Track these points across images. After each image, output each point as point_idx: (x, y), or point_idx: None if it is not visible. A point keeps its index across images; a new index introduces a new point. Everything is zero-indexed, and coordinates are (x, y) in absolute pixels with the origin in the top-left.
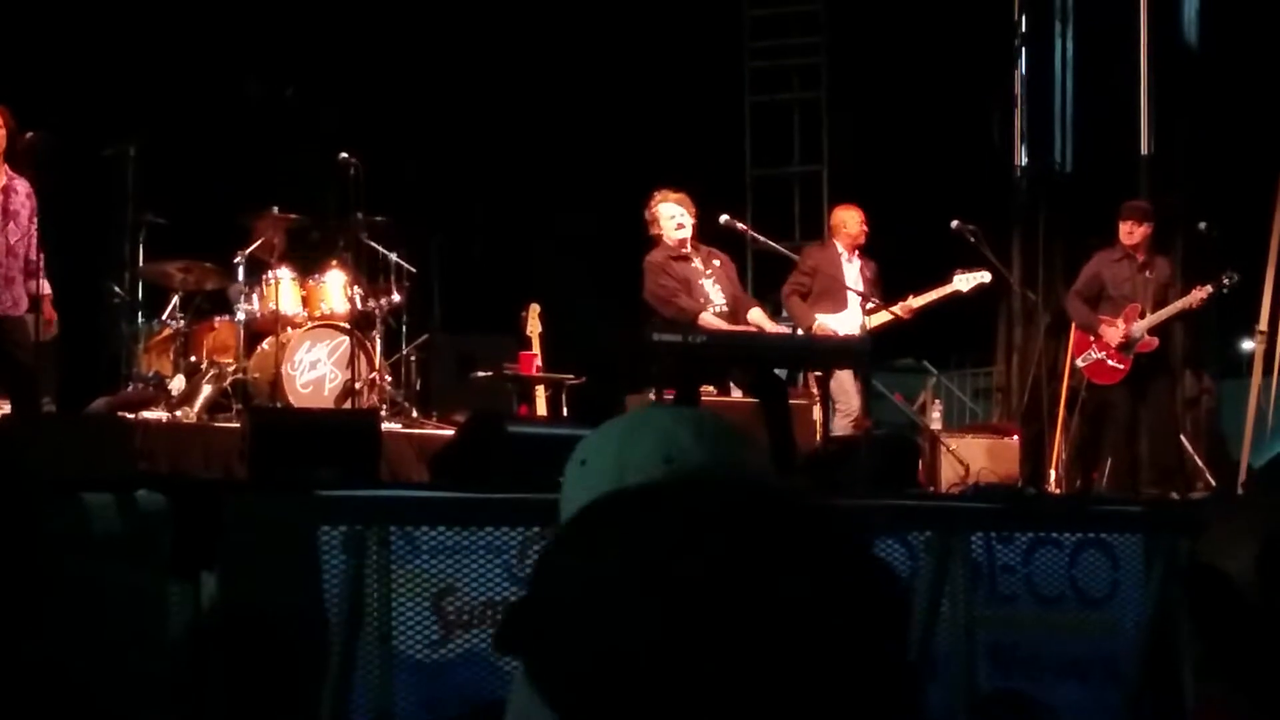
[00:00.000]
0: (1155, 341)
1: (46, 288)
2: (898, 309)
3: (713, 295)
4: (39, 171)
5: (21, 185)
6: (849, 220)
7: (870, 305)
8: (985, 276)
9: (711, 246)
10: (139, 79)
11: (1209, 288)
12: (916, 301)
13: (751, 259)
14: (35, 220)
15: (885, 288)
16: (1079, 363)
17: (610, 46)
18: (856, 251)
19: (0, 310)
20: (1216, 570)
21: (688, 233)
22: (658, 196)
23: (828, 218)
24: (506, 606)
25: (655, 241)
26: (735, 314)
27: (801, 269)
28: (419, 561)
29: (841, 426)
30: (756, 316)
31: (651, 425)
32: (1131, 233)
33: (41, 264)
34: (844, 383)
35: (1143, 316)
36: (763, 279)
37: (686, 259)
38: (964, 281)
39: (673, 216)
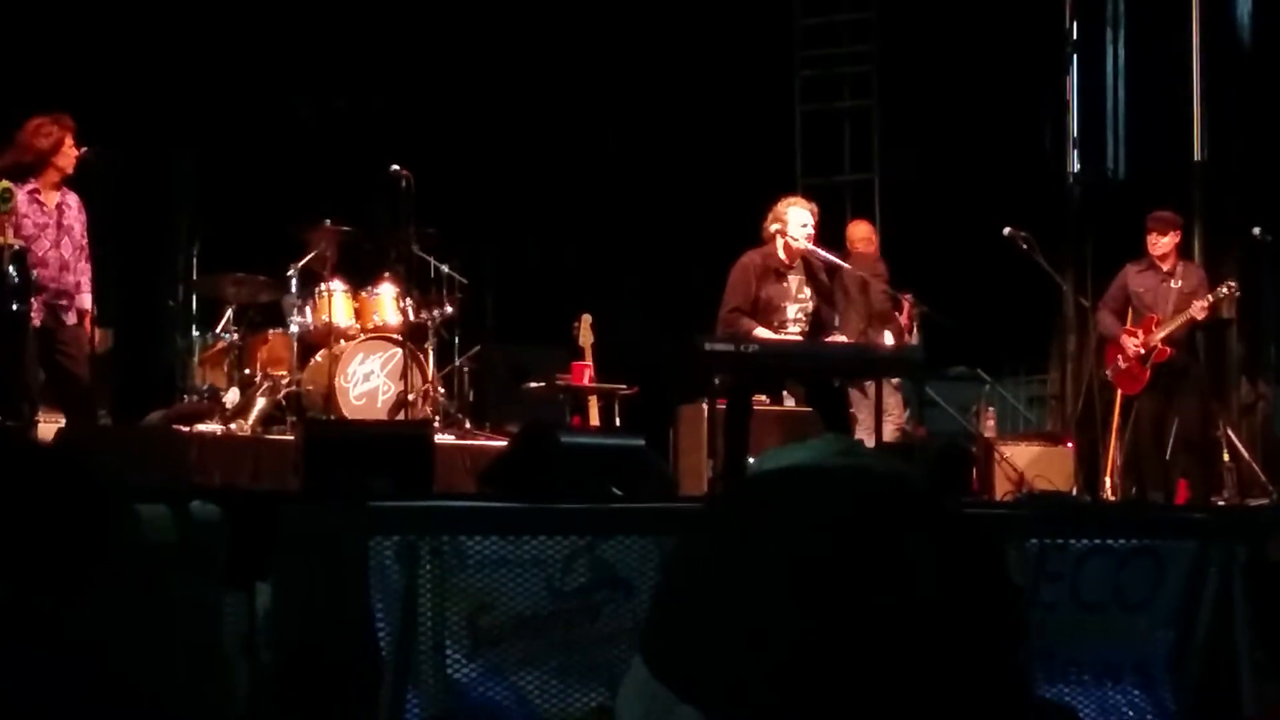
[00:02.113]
0: (1169, 351)
1: (88, 303)
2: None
3: (791, 318)
4: (94, 187)
5: (73, 200)
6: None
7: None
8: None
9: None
10: (192, 94)
11: (1210, 298)
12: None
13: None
14: (85, 236)
15: (934, 294)
16: (1107, 373)
17: (661, 56)
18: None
19: (55, 322)
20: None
21: (808, 243)
22: (790, 200)
23: (879, 226)
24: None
25: (762, 241)
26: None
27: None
28: (464, 575)
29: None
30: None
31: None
32: (1156, 243)
33: (88, 280)
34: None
35: (1160, 326)
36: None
37: (781, 276)
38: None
39: (804, 224)
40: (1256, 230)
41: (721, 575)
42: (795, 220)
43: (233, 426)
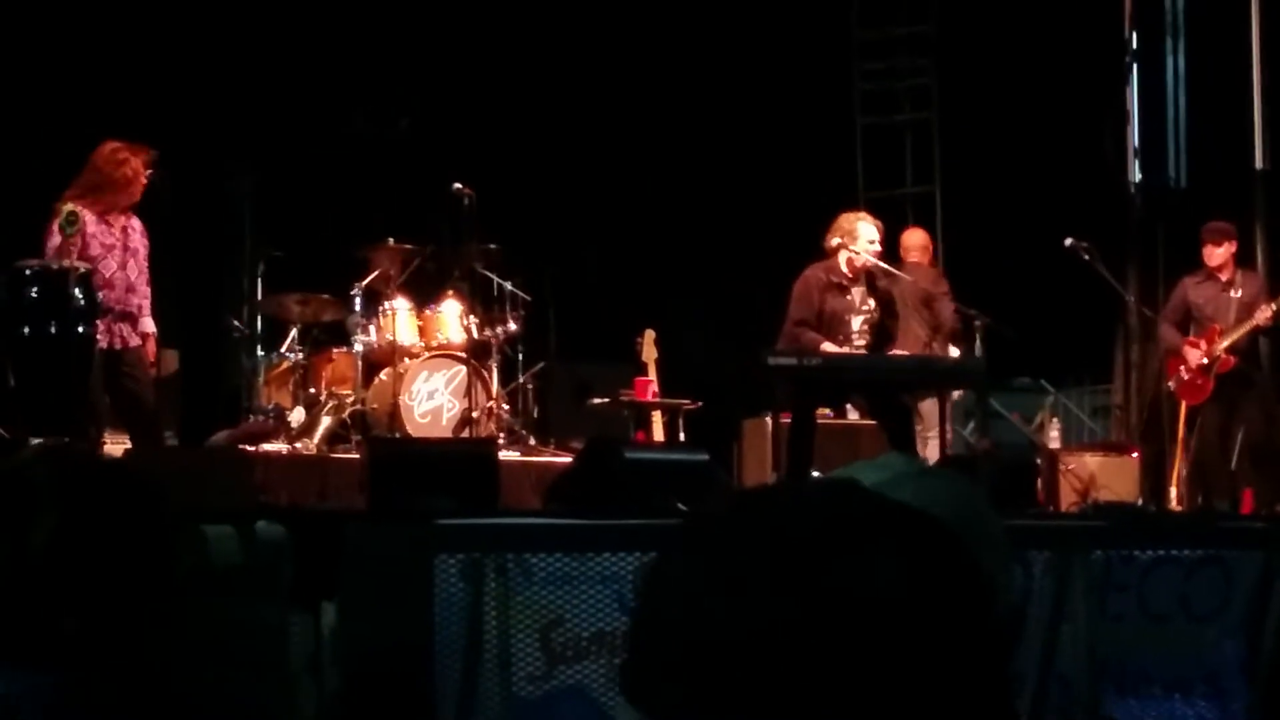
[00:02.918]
0: (1232, 360)
1: (151, 326)
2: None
3: (856, 329)
4: (157, 208)
5: (137, 223)
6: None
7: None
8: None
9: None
10: (255, 114)
11: (1273, 306)
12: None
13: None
14: (148, 259)
15: (996, 305)
16: (1170, 385)
17: (720, 71)
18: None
19: (120, 343)
20: None
21: (873, 259)
22: (857, 215)
23: (941, 238)
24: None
25: (826, 254)
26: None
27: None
28: (531, 591)
29: (929, 450)
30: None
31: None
32: (1212, 254)
33: (148, 303)
34: (926, 406)
35: (1223, 336)
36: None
37: (845, 290)
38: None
39: (872, 240)
40: None
41: (692, 599)
42: (864, 236)
43: (298, 446)
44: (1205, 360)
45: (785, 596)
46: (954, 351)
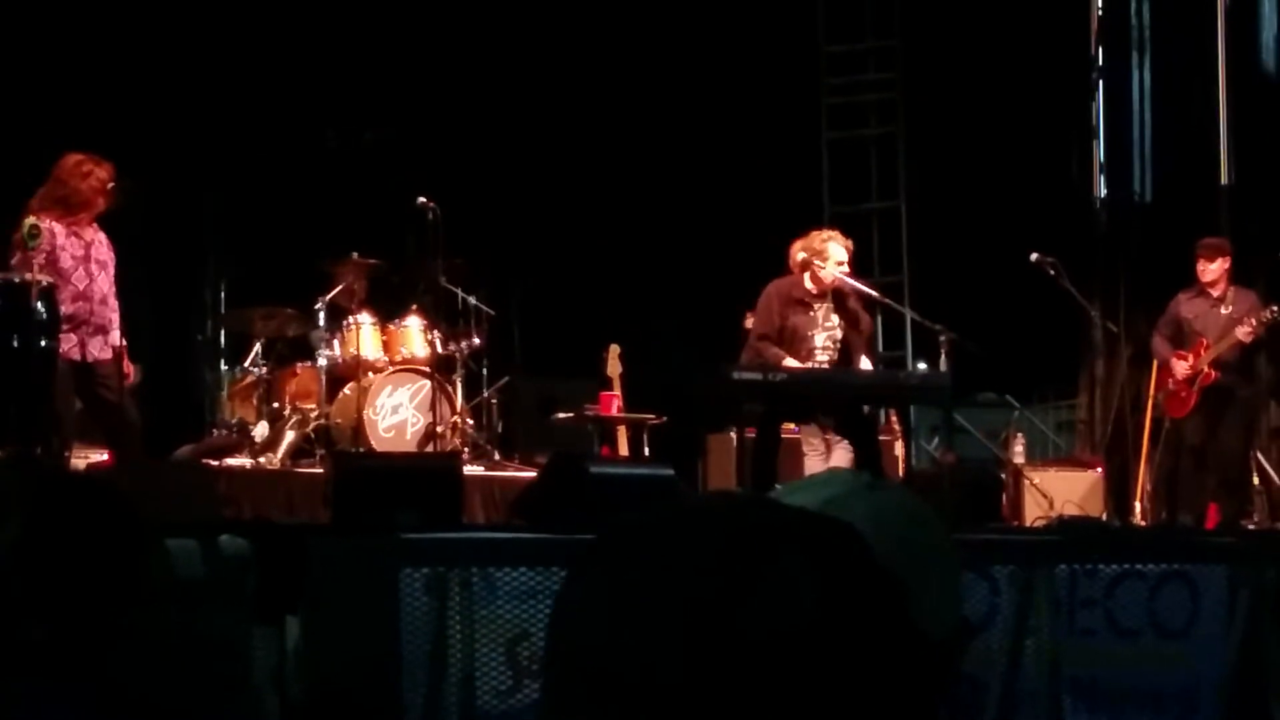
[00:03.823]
0: (1214, 375)
1: (118, 339)
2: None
3: (819, 346)
4: (121, 221)
5: (103, 236)
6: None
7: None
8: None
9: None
10: (217, 127)
11: (1254, 321)
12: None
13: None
14: (114, 271)
15: (962, 321)
16: (1159, 397)
17: (687, 85)
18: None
19: (93, 356)
20: None
21: (844, 277)
22: (828, 235)
23: (907, 253)
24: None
25: (790, 271)
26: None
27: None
28: (496, 605)
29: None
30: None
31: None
32: (1205, 270)
33: (117, 315)
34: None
35: (1208, 350)
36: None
37: (808, 306)
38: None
39: (841, 262)
40: None
41: (597, 628)
42: (834, 256)
43: (262, 460)
44: (1190, 372)
45: (692, 620)
46: (922, 366)
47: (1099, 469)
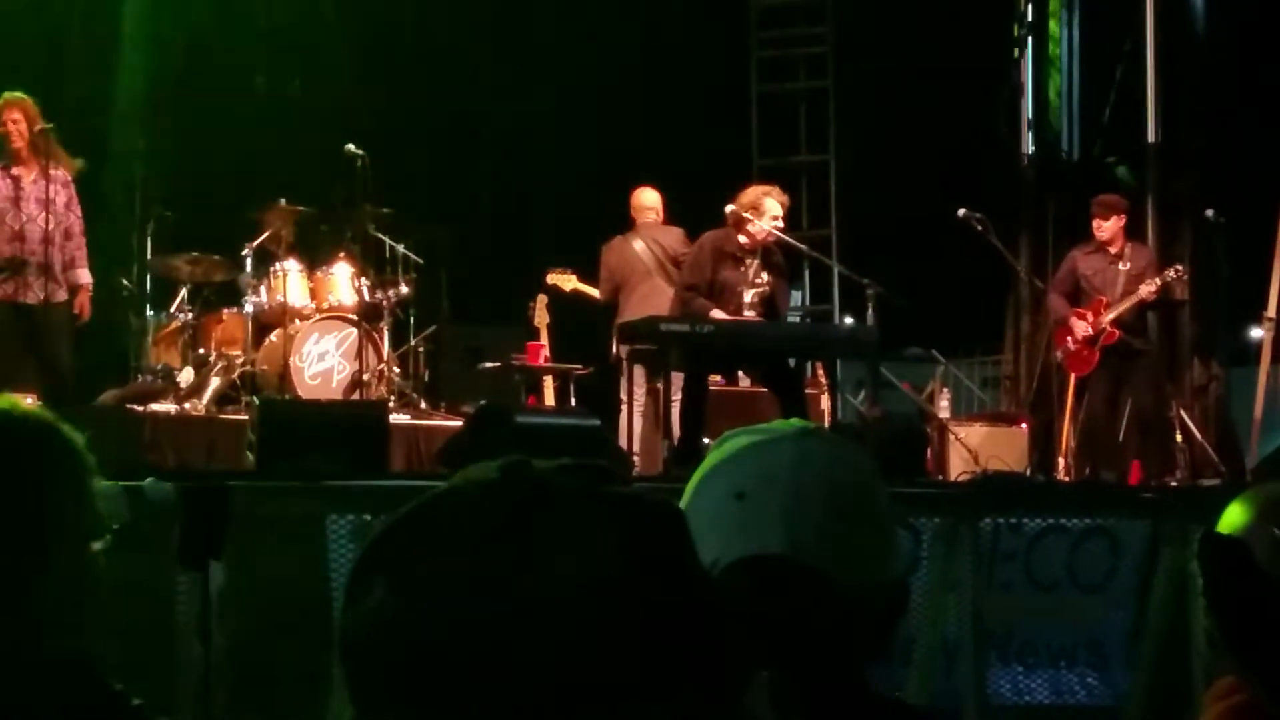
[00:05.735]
0: (1116, 334)
1: (85, 277)
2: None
3: (747, 302)
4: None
5: (59, 175)
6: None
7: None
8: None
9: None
10: (148, 72)
11: (1157, 281)
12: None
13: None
14: (75, 210)
15: (889, 275)
16: (1058, 355)
17: (616, 35)
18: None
19: (33, 299)
20: (1234, 550)
21: (777, 233)
22: (766, 190)
23: (835, 207)
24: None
25: (726, 223)
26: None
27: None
28: None
29: None
30: None
31: (749, 450)
32: (1100, 227)
33: (83, 255)
34: None
35: (1108, 309)
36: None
37: (739, 261)
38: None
39: (776, 217)
40: (1209, 212)
41: (393, 617)
42: (770, 212)
43: (187, 406)
44: (1091, 332)
45: (480, 597)
46: (849, 320)
47: (1024, 424)
